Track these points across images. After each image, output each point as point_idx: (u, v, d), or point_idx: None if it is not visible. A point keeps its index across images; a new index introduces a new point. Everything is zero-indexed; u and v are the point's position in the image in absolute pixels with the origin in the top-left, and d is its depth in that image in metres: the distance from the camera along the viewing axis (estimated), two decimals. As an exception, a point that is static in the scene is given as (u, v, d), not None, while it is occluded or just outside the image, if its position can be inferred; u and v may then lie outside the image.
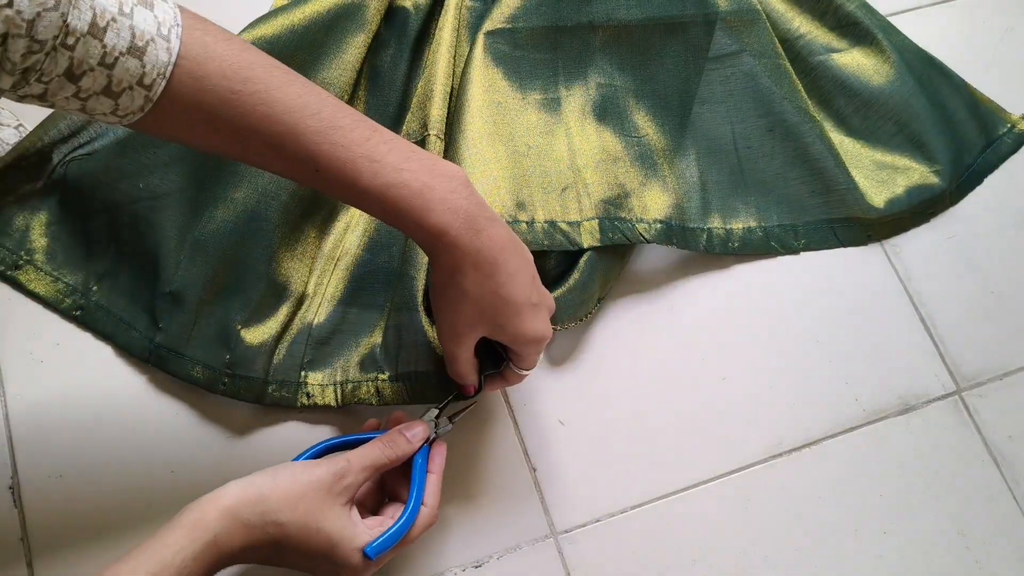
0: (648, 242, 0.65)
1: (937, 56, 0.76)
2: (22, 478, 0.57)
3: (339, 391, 0.60)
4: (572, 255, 0.63)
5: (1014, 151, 0.74)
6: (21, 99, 0.41)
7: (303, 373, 0.61)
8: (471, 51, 0.66)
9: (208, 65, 0.43)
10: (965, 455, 0.65)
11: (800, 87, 0.72)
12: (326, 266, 0.64)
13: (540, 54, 0.68)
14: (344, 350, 0.62)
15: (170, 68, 0.42)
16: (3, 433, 0.58)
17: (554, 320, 0.61)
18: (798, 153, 0.70)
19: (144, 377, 0.60)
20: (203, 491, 0.57)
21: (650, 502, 0.61)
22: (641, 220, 0.65)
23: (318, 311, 0.63)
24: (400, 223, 0.48)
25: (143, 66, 0.41)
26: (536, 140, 0.66)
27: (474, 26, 0.69)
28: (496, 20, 0.67)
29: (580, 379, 0.64)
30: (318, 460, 0.50)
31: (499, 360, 0.56)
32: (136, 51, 0.40)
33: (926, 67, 0.74)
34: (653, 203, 0.67)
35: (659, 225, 0.66)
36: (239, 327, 0.60)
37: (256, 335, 0.60)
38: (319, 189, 0.48)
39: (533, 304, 0.51)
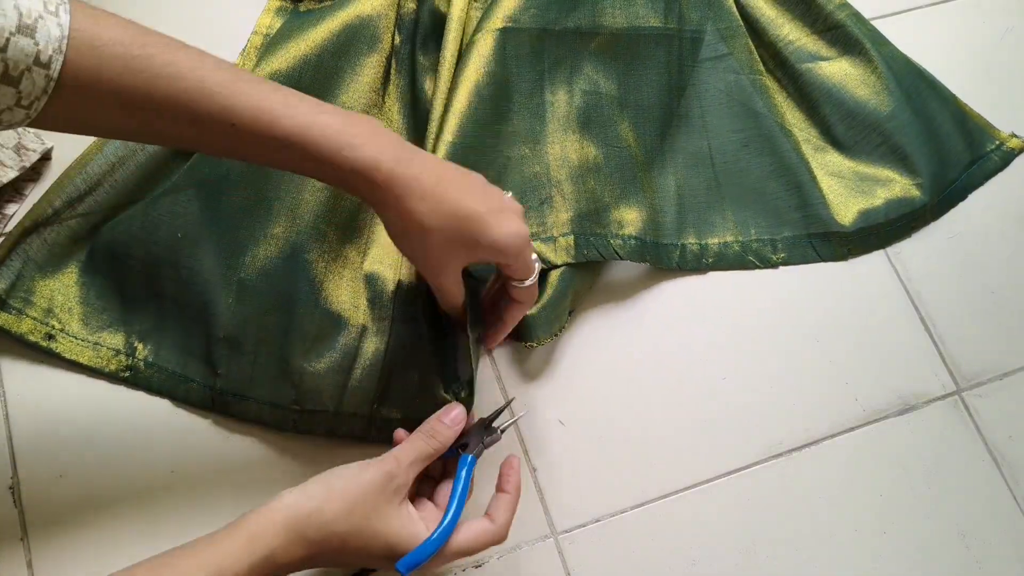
0: (621, 259, 0.65)
1: (935, 57, 0.76)
2: (22, 478, 0.57)
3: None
4: (543, 272, 0.63)
5: (1001, 168, 0.73)
6: None
7: (375, 406, 0.60)
8: (468, 51, 0.66)
9: (104, 34, 0.42)
10: (965, 455, 0.65)
11: (778, 102, 0.72)
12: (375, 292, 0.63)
13: (528, 58, 0.67)
14: (408, 380, 0.60)
15: (65, 41, 0.40)
16: (3, 433, 0.58)
17: (529, 337, 0.61)
18: (775, 167, 0.70)
19: (144, 377, 0.60)
20: (203, 491, 0.57)
21: (650, 502, 0.61)
22: (616, 236, 0.65)
23: (381, 339, 0.61)
24: (326, 165, 0.46)
25: (36, 44, 0.39)
26: (518, 151, 0.66)
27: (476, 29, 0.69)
28: (498, 19, 0.67)
29: (580, 379, 0.64)
30: (367, 462, 0.49)
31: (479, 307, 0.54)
32: (26, 29, 0.39)
33: (915, 79, 0.74)
34: (629, 217, 0.66)
35: (633, 241, 0.66)
36: (301, 362, 0.59)
37: (319, 367, 0.60)
38: (233, 151, 0.47)
39: (497, 210, 0.49)
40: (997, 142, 0.74)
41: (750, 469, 0.63)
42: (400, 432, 0.54)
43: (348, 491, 0.47)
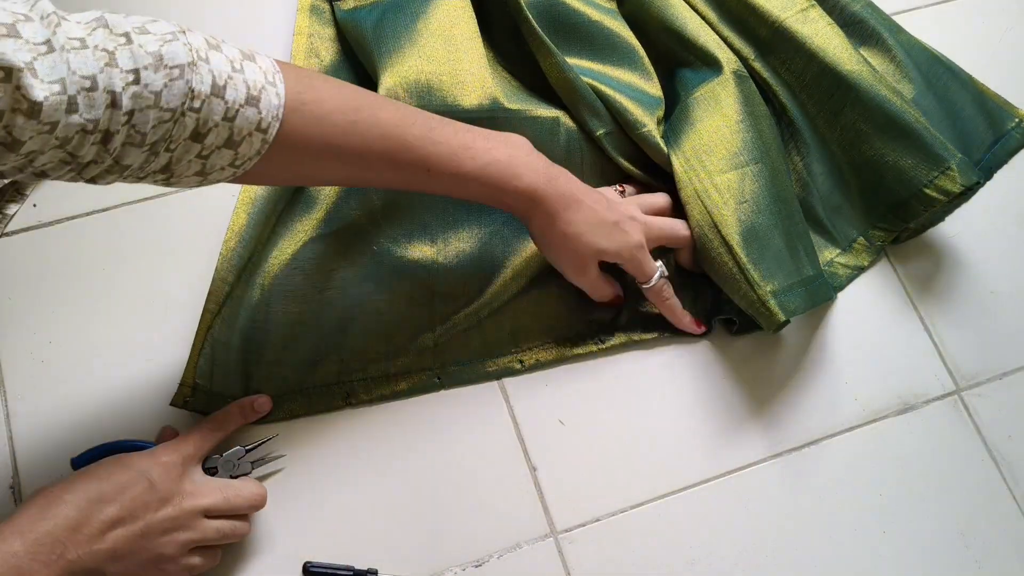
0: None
1: (937, 56, 0.76)
2: (22, 478, 0.57)
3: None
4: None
5: (1023, 145, 0.73)
6: (141, 179, 0.44)
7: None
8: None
9: (316, 99, 0.48)
10: (965, 455, 0.65)
11: (783, 155, 0.71)
12: None
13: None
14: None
15: (281, 110, 0.46)
16: (4, 433, 0.58)
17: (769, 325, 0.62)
18: (833, 174, 0.71)
19: (143, 377, 0.60)
20: (203, 491, 0.57)
21: (650, 502, 0.61)
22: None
23: None
24: (497, 194, 0.56)
25: (259, 112, 0.45)
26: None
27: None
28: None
29: (580, 379, 0.64)
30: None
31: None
32: (252, 100, 0.45)
33: (933, 64, 0.74)
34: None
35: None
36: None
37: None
38: (426, 189, 0.56)
39: (617, 221, 0.59)
40: (1016, 119, 0.74)
41: (750, 469, 0.63)
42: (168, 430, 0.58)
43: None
